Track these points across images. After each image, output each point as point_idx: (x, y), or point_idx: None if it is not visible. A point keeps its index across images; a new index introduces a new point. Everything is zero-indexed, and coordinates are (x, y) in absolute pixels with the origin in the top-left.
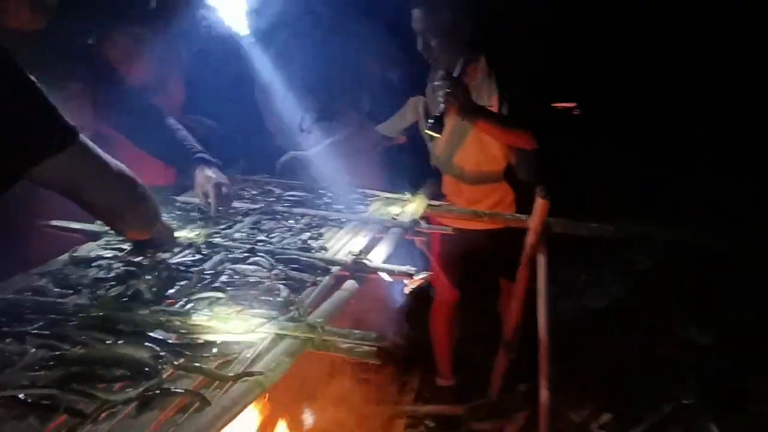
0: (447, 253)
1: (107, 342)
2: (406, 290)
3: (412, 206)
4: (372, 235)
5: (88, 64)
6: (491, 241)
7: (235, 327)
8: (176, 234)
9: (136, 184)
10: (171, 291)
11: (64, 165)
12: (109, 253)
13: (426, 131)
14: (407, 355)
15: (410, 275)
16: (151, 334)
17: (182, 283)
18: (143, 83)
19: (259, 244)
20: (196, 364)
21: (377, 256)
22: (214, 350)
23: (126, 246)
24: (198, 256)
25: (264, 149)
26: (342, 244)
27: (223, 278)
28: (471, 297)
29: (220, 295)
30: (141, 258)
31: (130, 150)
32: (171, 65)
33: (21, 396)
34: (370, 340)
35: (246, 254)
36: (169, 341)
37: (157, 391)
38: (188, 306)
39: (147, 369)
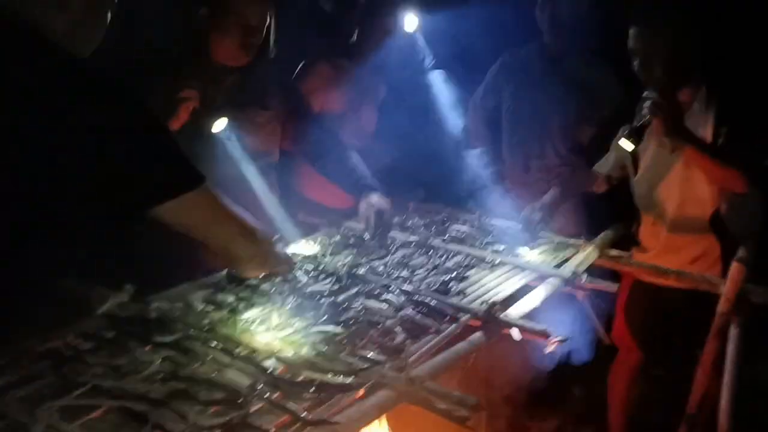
0: (633, 310)
1: (222, 362)
2: (547, 351)
3: (582, 254)
4: (525, 282)
5: (282, 94)
6: (685, 302)
7: (338, 368)
8: (326, 258)
9: (252, 232)
10: (296, 319)
11: (187, 207)
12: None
13: (618, 143)
14: (580, 413)
15: (546, 335)
16: (261, 361)
17: (311, 313)
18: (335, 111)
19: (399, 280)
20: (284, 402)
21: (520, 308)
22: (312, 389)
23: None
24: (336, 286)
25: (448, 179)
26: (485, 290)
27: (351, 313)
28: (656, 359)
29: (339, 330)
30: (282, 280)
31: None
32: (365, 94)
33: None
34: (467, 405)
35: (381, 290)
36: (274, 372)
37: (239, 422)
38: (307, 337)
39: (240, 399)
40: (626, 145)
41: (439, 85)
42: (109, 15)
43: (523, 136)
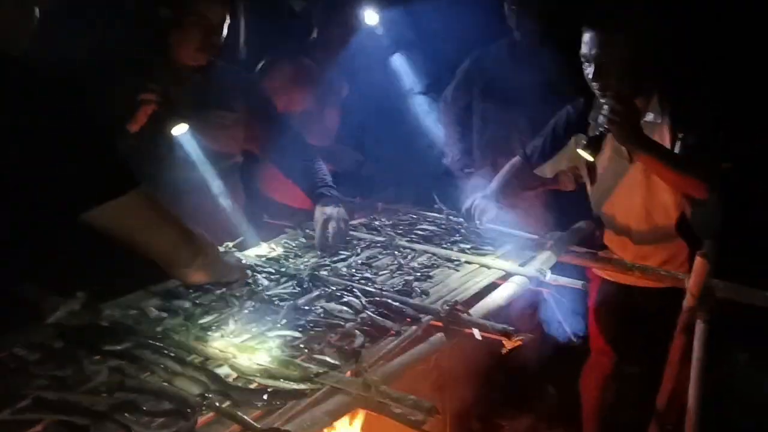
0: (603, 312)
1: (173, 370)
2: (504, 351)
3: (548, 251)
4: (490, 281)
5: (246, 94)
6: (653, 300)
7: (293, 373)
8: (288, 261)
9: (193, 238)
10: (254, 324)
11: (120, 212)
12: None
13: (579, 150)
14: (552, 412)
15: (507, 335)
16: (213, 369)
17: (269, 317)
18: (298, 111)
19: (362, 282)
20: (235, 411)
21: (484, 307)
22: (264, 396)
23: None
24: (297, 289)
25: (416, 177)
26: (449, 290)
27: (311, 316)
28: (628, 359)
29: (297, 334)
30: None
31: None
32: (328, 93)
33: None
34: (423, 409)
35: (342, 292)
36: (226, 380)
37: None
38: (263, 343)
39: (188, 409)
40: (585, 155)
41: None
42: (35, 11)
43: (492, 134)
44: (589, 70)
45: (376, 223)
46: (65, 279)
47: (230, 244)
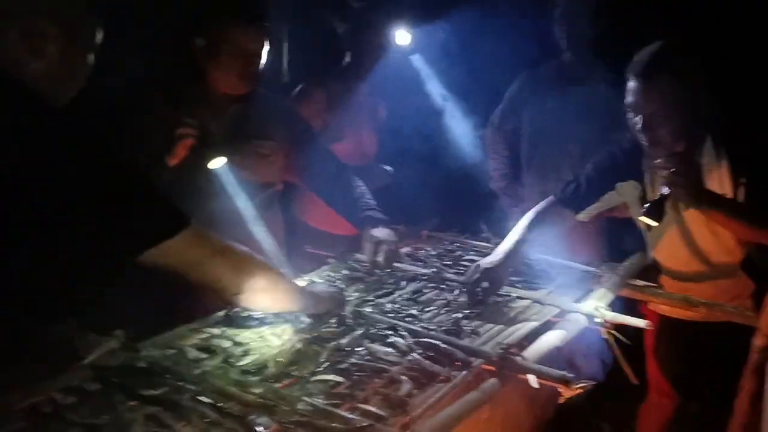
0: (662, 350)
1: (210, 419)
2: (561, 401)
3: (605, 285)
4: (545, 319)
5: (285, 122)
6: (716, 335)
7: (335, 425)
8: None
9: (257, 270)
10: (295, 367)
11: (174, 250)
12: (259, 313)
13: (640, 218)
14: None
15: (566, 382)
16: (252, 420)
17: (311, 359)
18: (334, 137)
19: (407, 319)
20: None
21: (538, 349)
22: None
23: None
24: (341, 328)
25: (462, 203)
26: (500, 329)
27: (354, 359)
28: (692, 399)
29: (340, 380)
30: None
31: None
32: (363, 117)
33: None
34: None
35: (387, 332)
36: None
37: None
38: (304, 388)
39: None
40: (648, 222)
41: (448, 106)
42: (91, 57)
43: (542, 159)
44: (636, 120)
45: (421, 252)
46: (105, 317)
47: None
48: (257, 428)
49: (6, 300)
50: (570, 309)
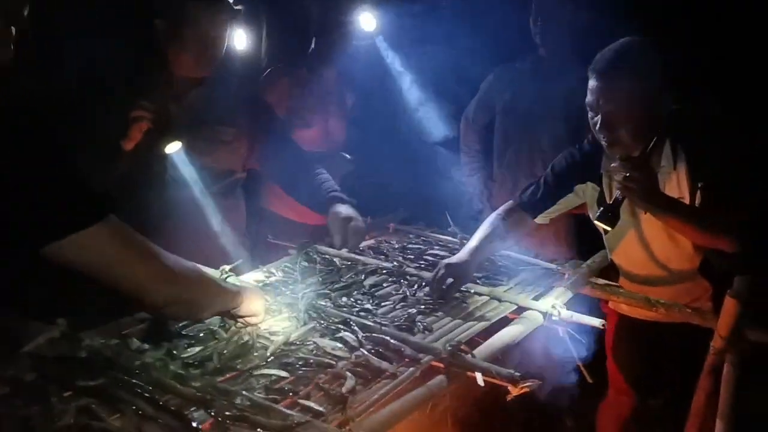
0: (624, 347)
1: (145, 413)
2: (509, 398)
3: (565, 283)
4: (501, 316)
5: (248, 108)
6: (675, 335)
7: (273, 421)
8: (287, 289)
9: (183, 281)
10: (240, 361)
11: (86, 245)
12: None
13: (596, 221)
14: None
15: (513, 381)
16: (188, 413)
17: (257, 353)
18: (299, 124)
19: (361, 314)
20: None
21: (492, 346)
22: None
23: None
24: (291, 322)
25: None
26: (454, 325)
27: (301, 353)
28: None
29: (283, 374)
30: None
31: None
32: (329, 104)
33: None
34: None
35: (339, 326)
36: (198, 429)
37: None
38: (246, 383)
39: None
40: (602, 226)
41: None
42: (12, 31)
43: (513, 154)
44: (596, 120)
45: (384, 246)
46: (48, 305)
47: (227, 268)
48: (192, 423)
49: None
50: (527, 306)
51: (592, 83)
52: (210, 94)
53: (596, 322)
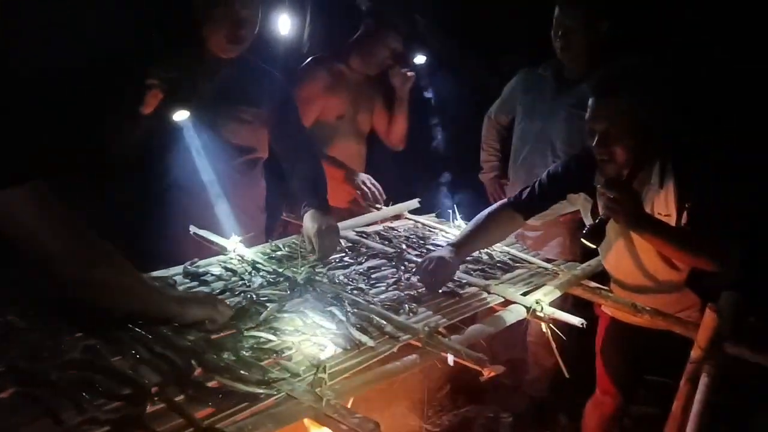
0: (611, 349)
1: (142, 357)
2: (482, 379)
3: (555, 282)
4: (488, 307)
5: (271, 94)
6: (662, 343)
7: (253, 376)
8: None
9: (107, 262)
10: (233, 322)
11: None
12: (217, 270)
13: (582, 239)
14: None
15: (481, 365)
16: (179, 362)
17: (251, 317)
18: (332, 118)
19: (354, 292)
20: (184, 407)
21: (471, 333)
22: (220, 396)
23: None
24: (288, 292)
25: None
26: (440, 310)
27: (292, 321)
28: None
29: (272, 337)
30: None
31: None
32: (362, 101)
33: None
34: (367, 429)
35: (331, 300)
36: (187, 374)
37: (131, 421)
38: (235, 341)
39: (141, 397)
40: (587, 244)
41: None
42: None
43: (528, 157)
44: (592, 137)
45: (391, 232)
46: None
47: (238, 238)
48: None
49: None
50: (513, 300)
51: (590, 101)
52: (240, 74)
53: (576, 321)
